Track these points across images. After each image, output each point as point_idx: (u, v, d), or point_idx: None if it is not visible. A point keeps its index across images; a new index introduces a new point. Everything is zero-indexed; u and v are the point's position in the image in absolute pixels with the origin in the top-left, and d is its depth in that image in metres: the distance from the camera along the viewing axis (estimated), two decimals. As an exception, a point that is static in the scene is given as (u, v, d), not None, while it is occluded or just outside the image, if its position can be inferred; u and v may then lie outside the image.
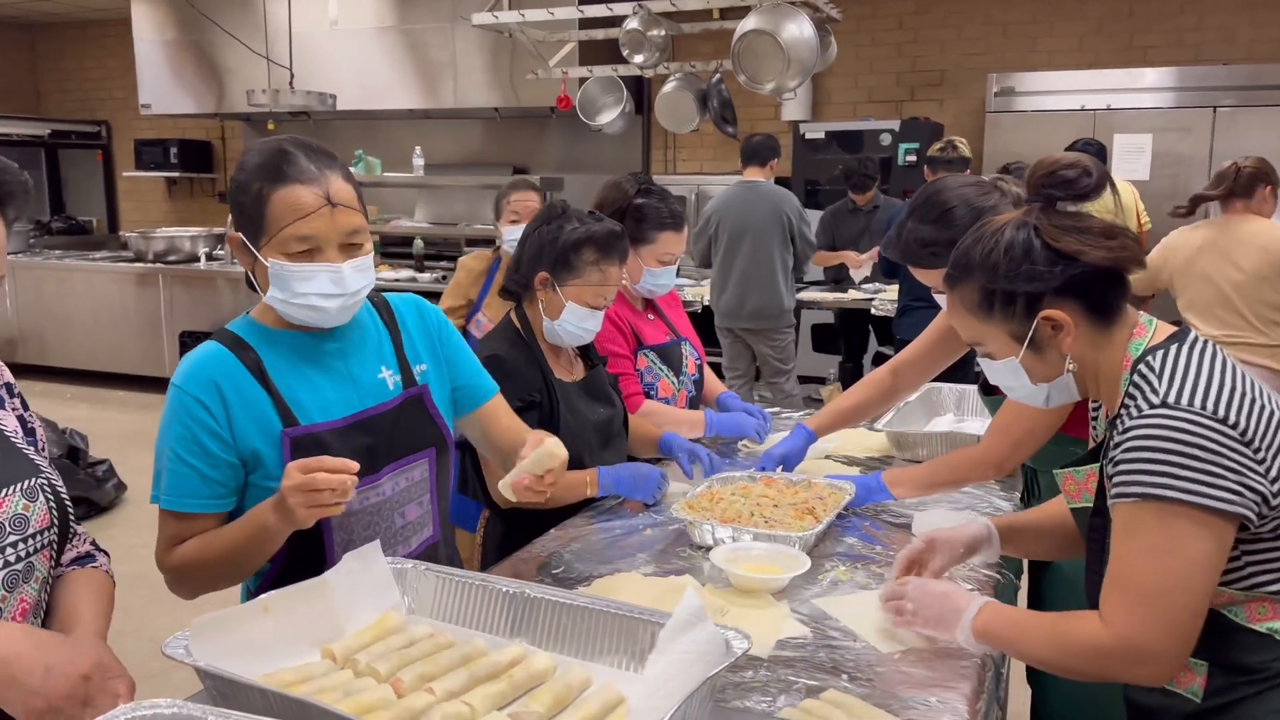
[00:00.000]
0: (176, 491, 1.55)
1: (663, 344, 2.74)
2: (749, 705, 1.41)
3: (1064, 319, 1.39)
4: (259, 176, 1.52)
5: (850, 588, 1.85)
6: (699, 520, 2.01)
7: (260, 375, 1.57)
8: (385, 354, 1.72)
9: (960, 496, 2.37)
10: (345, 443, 1.58)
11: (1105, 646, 1.30)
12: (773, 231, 5.39)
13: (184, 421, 1.54)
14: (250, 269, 1.60)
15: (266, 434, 1.55)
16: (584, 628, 1.35)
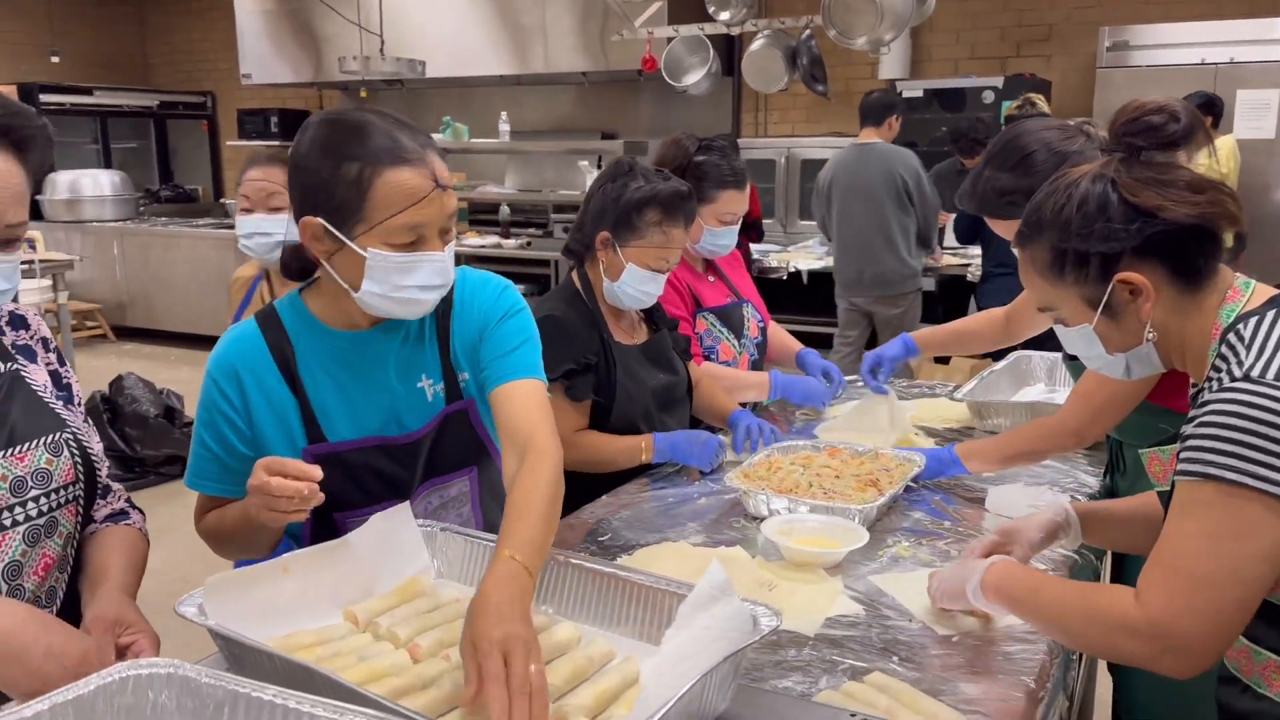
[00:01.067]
0: (197, 474, 1.53)
1: (723, 305, 2.64)
2: (786, 686, 1.33)
3: (1143, 283, 1.25)
4: (360, 155, 1.34)
5: (911, 565, 1.75)
6: (753, 490, 1.92)
7: (289, 375, 1.47)
8: (429, 359, 1.55)
9: (1041, 470, 2.22)
10: (369, 466, 1.49)
11: (1133, 624, 1.17)
12: (887, 194, 5.09)
13: (207, 406, 1.49)
14: (325, 258, 1.41)
15: (288, 441, 1.46)
16: (610, 598, 1.29)
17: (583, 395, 2.17)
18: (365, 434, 1.50)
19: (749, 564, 1.71)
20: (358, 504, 1.48)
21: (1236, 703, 1.33)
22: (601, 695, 1.13)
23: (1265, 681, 1.28)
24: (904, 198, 5.12)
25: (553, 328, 2.13)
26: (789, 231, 7.28)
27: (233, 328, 1.55)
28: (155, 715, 0.97)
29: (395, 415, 1.52)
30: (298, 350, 1.49)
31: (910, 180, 5.10)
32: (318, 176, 1.36)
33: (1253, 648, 1.27)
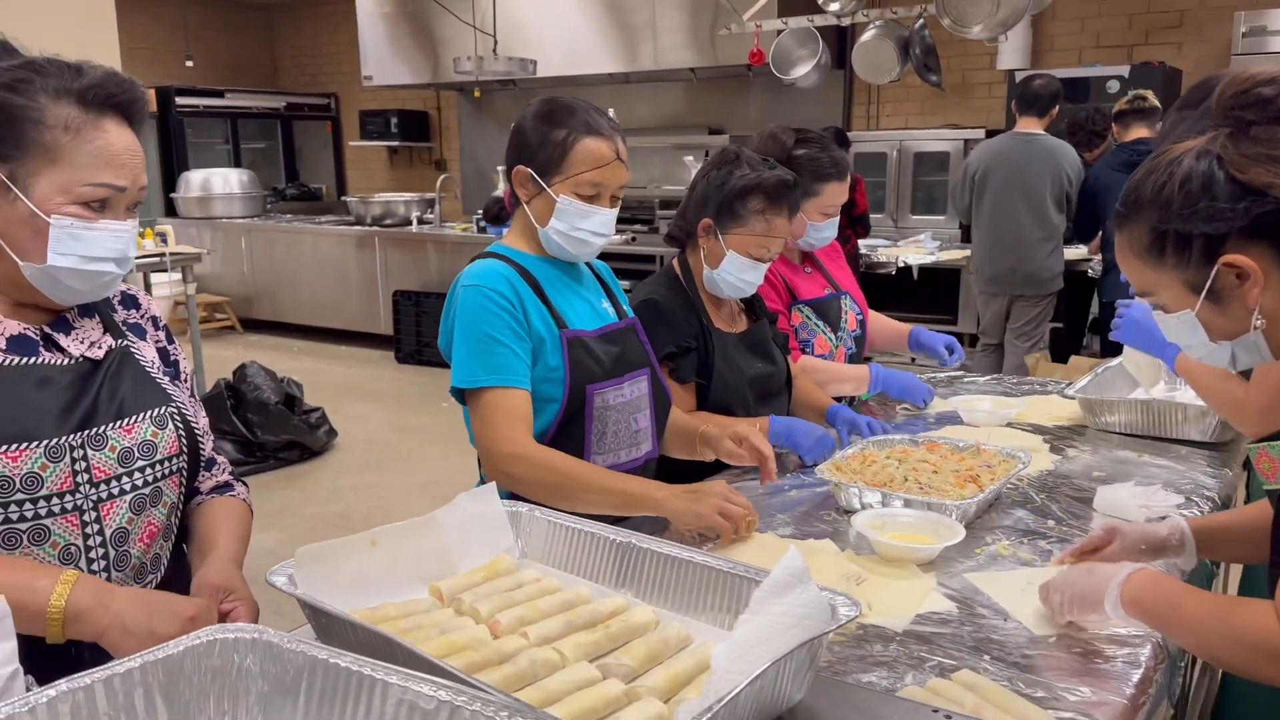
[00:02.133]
0: (500, 370, 1.76)
1: (820, 299, 2.60)
2: (870, 680, 1.29)
3: (1250, 266, 1.16)
4: (569, 124, 1.79)
5: (1011, 564, 1.68)
6: (846, 482, 1.88)
7: (536, 287, 1.84)
8: (600, 290, 2.03)
9: (1156, 470, 2.11)
10: (601, 347, 1.88)
11: (1275, 647, 1.09)
12: (1050, 191, 4.85)
13: (493, 310, 1.77)
14: (526, 200, 1.86)
15: (548, 331, 1.82)
16: (687, 582, 1.28)
17: (687, 377, 2.17)
18: (589, 328, 1.90)
19: (837, 557, 1.67)
20: (598, 377, 1.85)
21: None
22: (675, 678, 1.12)
23: None
24: (1064, 196, 4.87)
25: (651, 312, 2.14)
26: (900, 226, 7.12)
27: (475, 264, 1.86)
28: (240, 678, 1.01)
29: (598, 319, 1.94)
30: (530, 270, 1.86)
31: (1074, 177, 4.84)
32: (535, 136, 1.82)
33: None
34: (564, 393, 1.82)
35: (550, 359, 1.82)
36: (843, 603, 1.13)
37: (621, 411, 1.90)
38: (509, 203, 1.94)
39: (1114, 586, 1.30)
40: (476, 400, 1.78)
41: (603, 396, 1.86)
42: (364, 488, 5.02)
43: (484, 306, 1.78)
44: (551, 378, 1.82)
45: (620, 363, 1.91)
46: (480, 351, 1.77)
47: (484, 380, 1.76)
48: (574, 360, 1.83)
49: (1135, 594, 1.28)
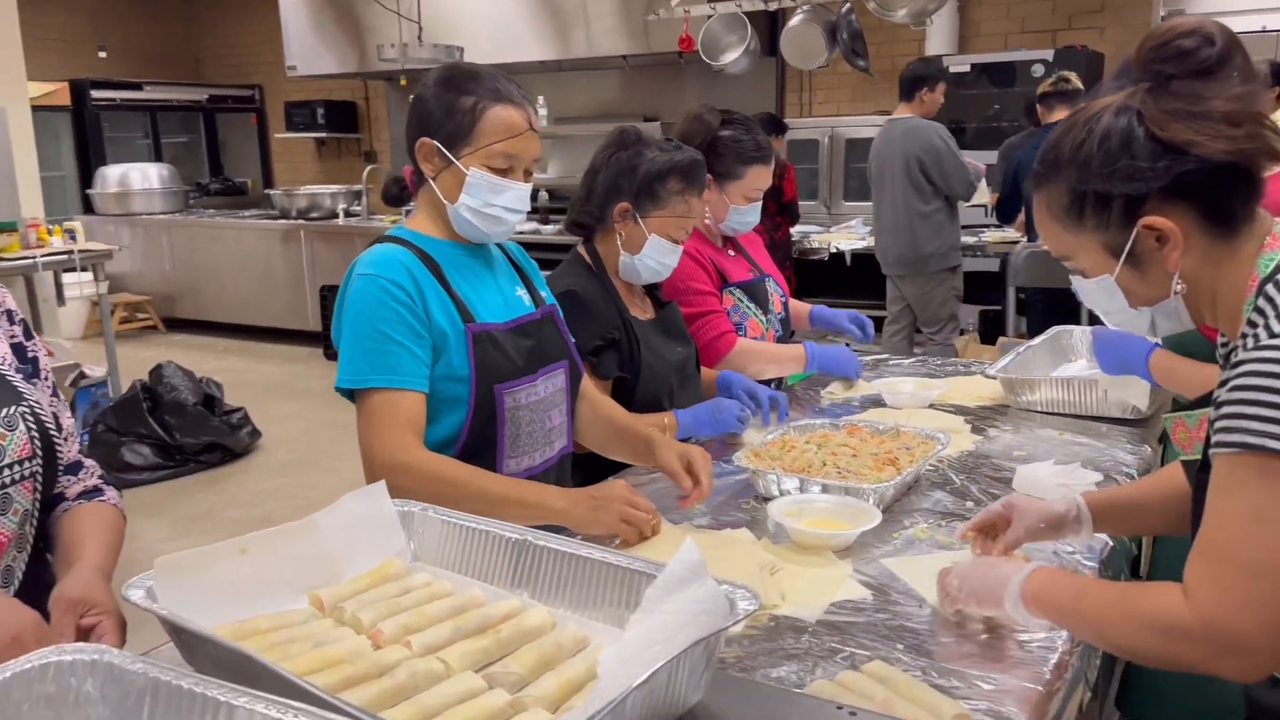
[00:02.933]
0: (393, 370, 1.63)
1: (747, 281, 2.55)
2: (778, 676, 1.23)
3: (1170, 228, 1.12)
4: (475, 92, 1.66)
5: (928, 547, 1.64)
6: (763, 470, 1.83)
7: (439, 276, 1.69)
8: (514, 276, 1.87)
9: (1076, 448, 2.09)
10: (512, 342, 1.74)
11: (1185, 627, 1.05)
12: (904, 174, 5.02)
13: (388, 304, 1.63)
14: (432, 176, 1.71)
15: (451, 326, 1.67)
16: (586, 580, 1.21)
17: (609, 372, 2.09)
18: (499, 320, 1.75)
19: (753, 547, 1.61)
20: (508, 375, 1.72)
21: (1266, 697, 1.21)
22: (566, 685, 1.05)
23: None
24: (920, 177, 4.98)
25: (574, 303, 2.07)
26: (833, 212, 7.12)
27: (372, 249, 1.71)
28: (78, 705, 0.91)
29: (510, 310, 1.79)
30: (434, 257, 1.71)
31: (925, 158, 4.93)
32: (439, 105, 1.68)
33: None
34: (470, 394, 1.68)
35: (454, 357, 1.68)
36: (742, 596, 1.07)
37: (535, 410, 1.77)
38: (411, 182, 1.80)
39: (1015, 584, 1.24)
40: (364, 402, 1.64)
41: (514, 396, 1.72)
42: (289, 489, 4.86)
43: (378, 299, 1.64)
44: (456, 377, 1.68)
45: (534, 357, 1.77)
46: (371, 349, 1.62)
47: (373, 380, 1.62)
48: (481, 358, 1.69)
49: (1036, 591, 1.23)
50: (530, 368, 1.76)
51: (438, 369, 1.67)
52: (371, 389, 1.62)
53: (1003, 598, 1.25)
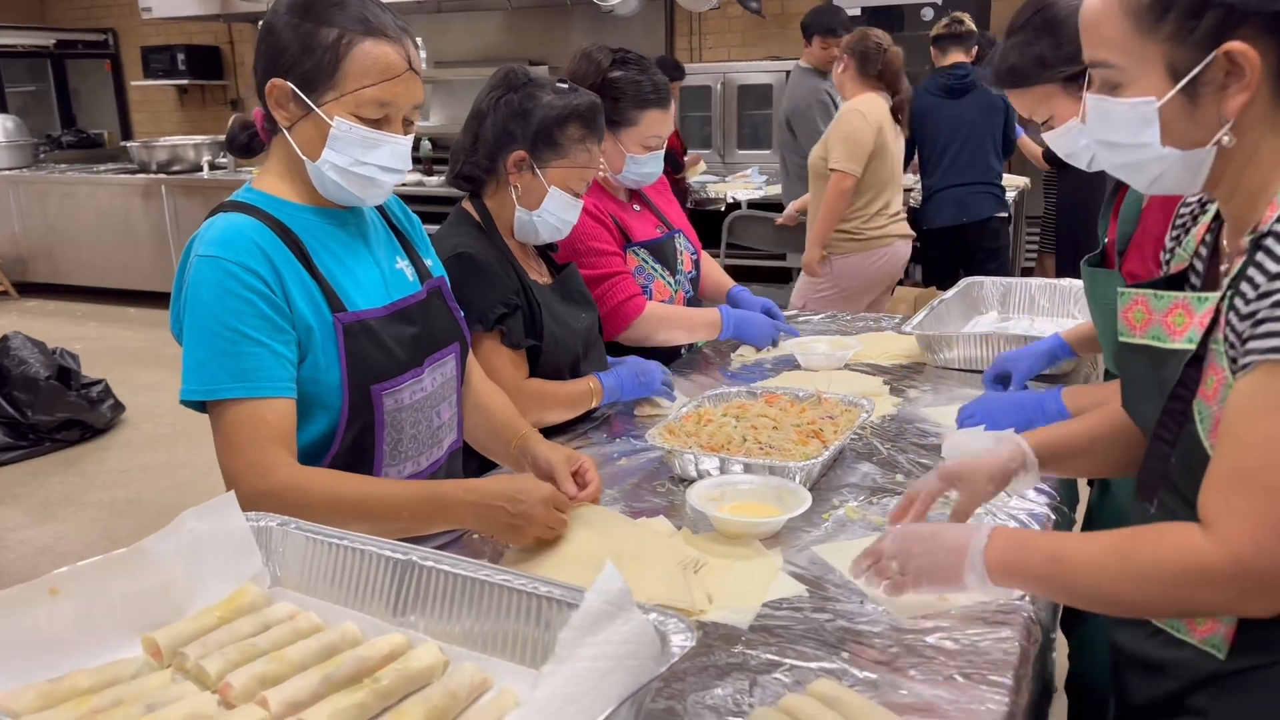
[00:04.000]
0: (251, 375, 1.33)
1: (654, 239, 2.34)
2: (714, 699, 1.07)
3: (1252, 63, 0.95)
4: (338, 21, 1.35)
5: (861, 530, 1.50)
6: (679, 449, 1.65)
7: (301, 255, 1.40)
8: (395, 245, 1.58)
9: (1002, 410, 1.98)
10: (393, 331, 1.46)
11: (1209, 569, 0.92)
12: (785, 123, 4.89)
13: (239, 294, 1.33)
14: (287, 125, 1.40)
15: (317, 318, 1.39)
16: (484, 608, 1.01)
17: (520, 340, 1.88)
18: (375, 305, 1.46)
19: (673, 540, 1.44)
20: (388, 373, 1.44)
21: (1146, 649, 1.09)
22: (462, 750, 0.86)
23: (1187, 625, 1.05)
24: (787, 129, 4.85)
25: (469, 267, 1.83)
26: (727, 161, 6.96)
27: (214, 221, 1.40)
28: None
29: (389, 290, 1.50)
30: (294, 229, 1.41)
31: (792, 117, 4.79)
32: (292, 37, 1.36)
33: None
34: (342, 398, 1.39)
35: (320, 355, 1.38)
36: (675, 628, 0.89)
37: (421, 410, 1.50)
38: (263, 128, 1.47)
39: (975, 554, 1.09)
40: (219, 416, 1.33)
41: (394, 397, 1.44)
42: (158, 468, 4.50)
43: (226, 288, 1.32)
44: (323, 379, 1.38)
45: (420, 346, 1.49)
46: (222, 351, 1.32)
47: (227, 390, 1.32)
48: (354, 355, 1.39)
49: (1002, 558, 1.08)
50: (414, 360, 1.48)
51: (302, 370, 1.38)
52: (226, 400, 1.32)
53: (961, 571, 1.10)
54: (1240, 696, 1.00)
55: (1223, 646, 1.01)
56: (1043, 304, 2.58)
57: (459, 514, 1.36)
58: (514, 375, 1.87)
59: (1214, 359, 1.00)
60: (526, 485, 1.36)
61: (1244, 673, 1.00)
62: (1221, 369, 0.98)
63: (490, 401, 1.70)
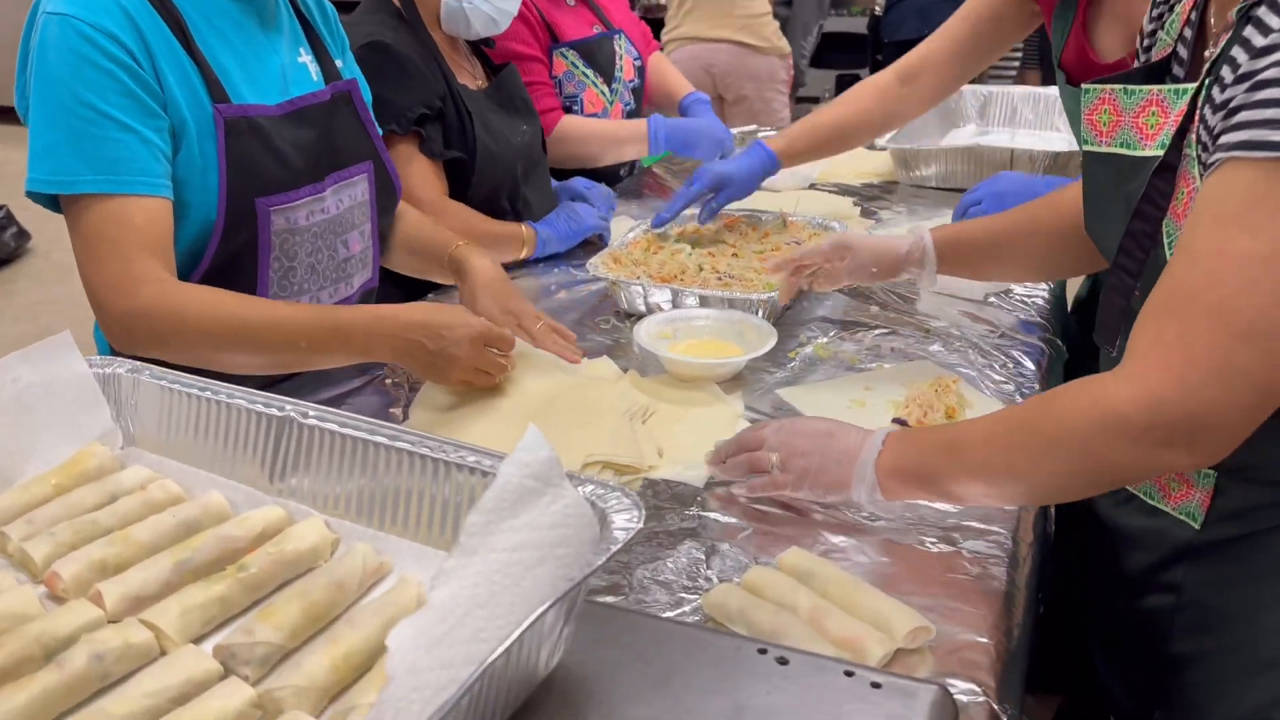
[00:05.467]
0: (115, 165, 1.09)
1: (588, 38, 2.04)
2: (667, 573, 0.90)
3: None
4: None
5: (832, 369, 1.32)
6: (626, 280, 1.44)
7: (178, 30, 1.15)
8: (299, 35, 1.33)
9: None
10: (287, 134, 1.21)
11: (1125, 419, 0.75)
12: None
13: (98, 65, 1.08)
14: None
15: (193, 106, 1.15)
16: (382, 475, 0.81)
17: (439, 149, 1.62)
18: (268, 101, 1.22)
19: (617, 384, 1.25)
20: (280, 184, 1.20)
21: (1118, 517, 0.97)
22: (350, 659, 0.68)
23: (1161, 491, 0.92)
24: None
25: (385, 58, 1.56)
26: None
27: None
28: None
29: (287, 86, 1.26)
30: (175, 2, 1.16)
31: None
32: None
33: None
34: (219, 208, 1.16)
35: (197, 153, 1.15)
36: (618, 504, 0.70)
37: (321, 236, 1.27)
38: None
39: (866, 463, 0.92)
40: (76, 216, 1.11)
41: (286, 216, 1.21)
42: (71, 299, 4.19)
43: (81, 54, 1.08)
44: (195, 181, 1.15)
45: (323, 158, 1.26)
46: (79, 133, 1.08)
47: (87, 182, 1.09)
48: (237, 156, 1.16)
49: (893, 463, 0.91)
50: (314, 174, 1.24)
51: (175, 165, 1.15)
52: (85, 196, 1.09)
53: (849, 480, 0.93)
54: (1216, 569, 0.88)
55: (1198, 515, 0.88)
56: (1026, 115, 2.35)
57: (368, 345, 1.14)
58: (432, 190, 1.61)
59: (1186, 167, 0.81)
60: (451, 319, 1.15)
61: (1220, 544, 0.88)
62: (1193, 178, 0.80)
63: (413, 221, 1.47)
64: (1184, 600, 0.90)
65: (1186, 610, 0.91)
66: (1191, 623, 0.90)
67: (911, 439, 0.93)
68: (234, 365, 1.12)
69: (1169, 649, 0.91)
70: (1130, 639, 0.99)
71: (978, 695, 0.77)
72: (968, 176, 2.01)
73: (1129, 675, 0.99)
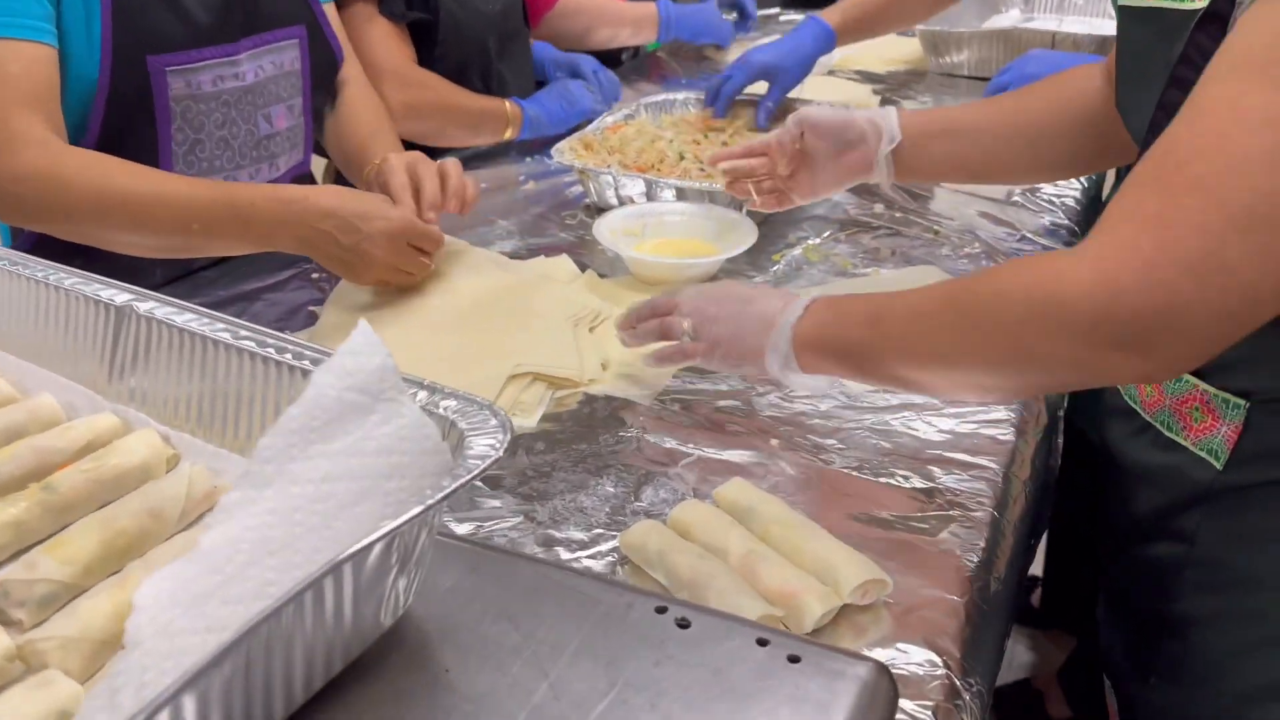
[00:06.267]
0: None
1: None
2: (584, 502, 0.77)
3: None
4: None
5: (821, 274, 1.16)
6: (595, 168, 1.28)
7: None
8: None
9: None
10: None
11: (1069, 306, 0.59)
12: None
13: None
14: None
15: None
16: (224, 380, 0.68)
17: (402, 10, 1.44)
18: None
19: (570, 285, 1.10)
20: (177, 40, 1.04)
21: (1130, 450, 0.82)
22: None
23: (1180, 421, 0.76)
24: None
25: None
26: None
27: None
28: None
29: None
30: None
31: None
32: None
33: None
34: (102, 69, 1.01)
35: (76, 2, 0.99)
36: (476, 422, 0.56)
37: (235, 106, 1.10)
38: None
39: (783, 329, 0.78)
40: None
41: (187, 79, 1.05)
42: None
43: None
44: (79, 34, 1.00)
45: (234, 15, 1.09)
46: None
47: None
48: (125, 4, 1.00)
49: (812, 333, 0.77)
50: (224, 33, 1.08)
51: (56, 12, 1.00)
52: None
53: (763, 349, 0.79)
54: (1237, 519, 0.74)
55: (1221, 453, 0.73)
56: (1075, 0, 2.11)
57: (270, 232, 0.99)
58: (397, 56, 1.43)
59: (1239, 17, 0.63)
60: (368, 208, 1.00)
61: (1243, 490, 0.73)
62: None
63: (357, 110, 1.27)
64: (1196, 553, 0.76)
65: (1198, 565, 0.76)
66: (1202, 580, 0.76)
67: (834, 306, 0.78)
68: (124, 245, 0.98)
69: (1174, 608, 0.77)
70: (1136, 593, 0.84)
71: (936, 667, 0.63)
72: (1002, 64, 1.80)
73: (1129, 633, 0.85)
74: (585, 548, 0.73)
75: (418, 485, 0.52)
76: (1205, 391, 0.73)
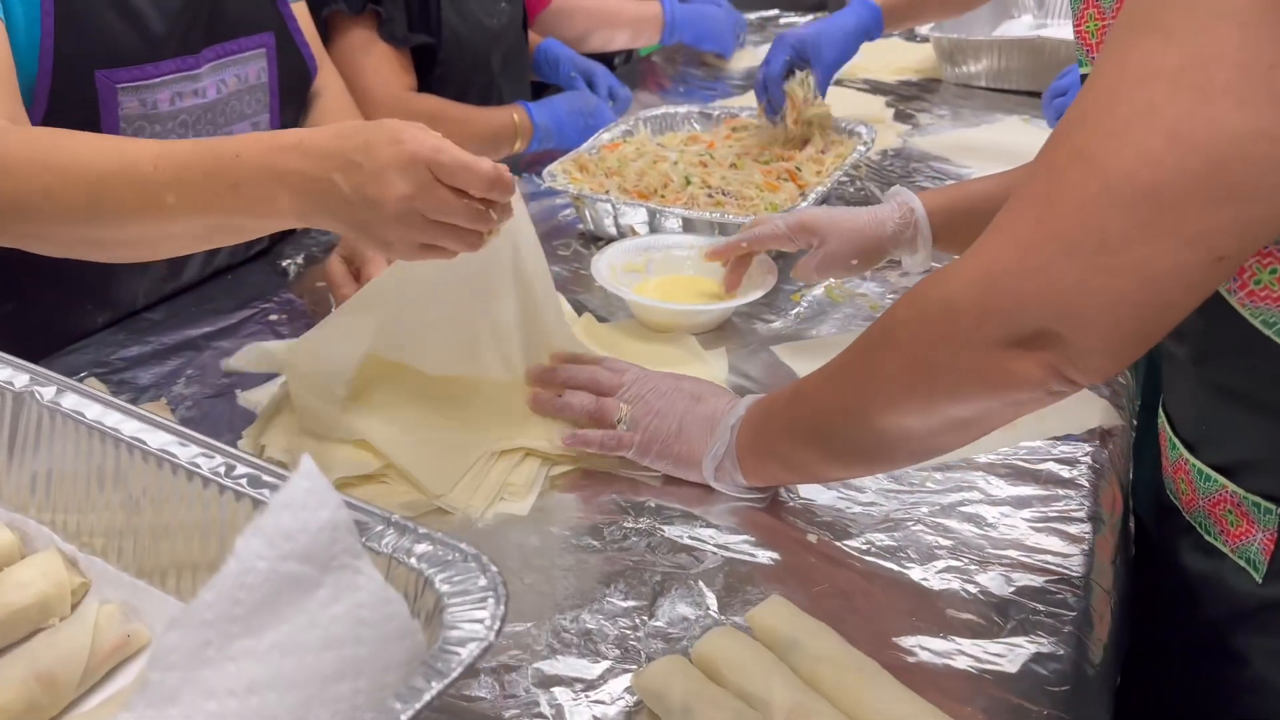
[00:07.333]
0: None
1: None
2: (588, 626, 0.64)
3: None
4: None
5: (846, 318, 1.03)
6: (592, 194, 1.14)
7: None
8: None
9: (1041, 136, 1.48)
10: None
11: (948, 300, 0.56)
12: None
13: None
14: None
15: None
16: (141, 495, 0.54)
17: (403, 34, 1.31)
18: None
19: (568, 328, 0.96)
20: (129, 53, 0.91)
21: (1183, 556, 0.72)
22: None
23: (1216, 525, 0.68)
24: None
25: None
26: None
27: None
28: None
29: None
30: None
31: None
32: None
33: (1194, 463, 0.69)
34: (39, 80, 0.86)
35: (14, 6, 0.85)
36: (461, 585, 0.43)
37: (194, 126, 0.97)
38: None
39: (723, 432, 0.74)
40: None
41: (141, 97, 0.92)
42: None
43: None
44: (18, 41, 0.85)
45: (197, 23, 0.96)
46: None
47: None
48: (70, 10, 0.87)
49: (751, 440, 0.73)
50: (183, 43, 0.94)
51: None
52: None
53: (700, 461, 0.74)
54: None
55: (1259, 563, 0.64)
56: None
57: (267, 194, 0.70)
58: (396, 85, 1.30)
59: None
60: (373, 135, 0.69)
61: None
62: None
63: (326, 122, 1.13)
64: (1249, 676, 0.66)
65: (1255, 691, 0.66)
66: (1259, 710, 0.66)
67: (768, 399, 0.74)
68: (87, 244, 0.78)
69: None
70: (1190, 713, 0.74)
71: None
72: (1023, 75, 1.69)
73: None
74: (592, 689, 0.60)
75: (378, 685, 0.39)
76: (1235, 494, 0.65)
